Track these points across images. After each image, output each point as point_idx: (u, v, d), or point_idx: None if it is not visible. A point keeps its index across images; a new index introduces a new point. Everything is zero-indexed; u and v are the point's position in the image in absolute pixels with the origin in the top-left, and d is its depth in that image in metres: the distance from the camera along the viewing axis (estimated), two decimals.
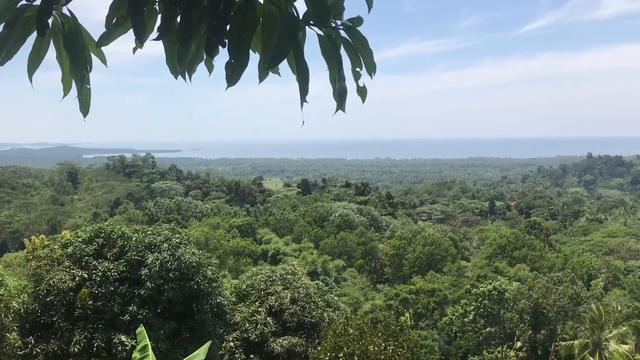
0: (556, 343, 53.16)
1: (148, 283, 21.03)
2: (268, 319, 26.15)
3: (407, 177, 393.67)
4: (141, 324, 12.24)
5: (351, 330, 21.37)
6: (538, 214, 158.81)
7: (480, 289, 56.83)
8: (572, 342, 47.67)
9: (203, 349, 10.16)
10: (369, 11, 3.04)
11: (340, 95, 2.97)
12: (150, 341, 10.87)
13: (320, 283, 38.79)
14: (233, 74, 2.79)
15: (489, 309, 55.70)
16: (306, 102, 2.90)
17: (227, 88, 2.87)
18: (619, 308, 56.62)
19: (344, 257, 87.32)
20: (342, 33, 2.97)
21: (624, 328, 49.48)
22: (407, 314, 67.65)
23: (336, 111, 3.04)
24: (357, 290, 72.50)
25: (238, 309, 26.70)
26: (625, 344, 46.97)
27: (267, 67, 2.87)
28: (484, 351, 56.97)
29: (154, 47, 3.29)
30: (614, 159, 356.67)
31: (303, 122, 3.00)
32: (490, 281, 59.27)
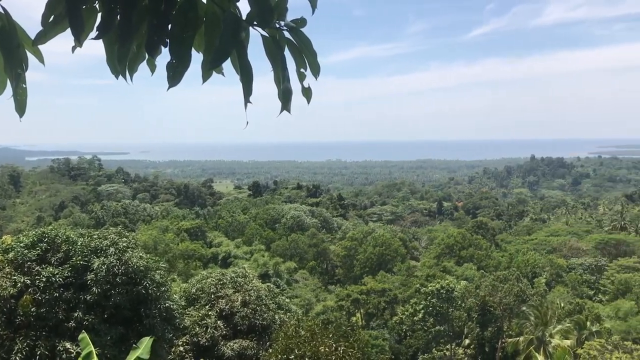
0: (503, 340, 54.53)
1: (94, 288, 20.53)
2: (218, 322, 25.90)
3: (357, 178, 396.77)
4: (83, 330, 11.90)
5: (302, 332, 21.37)
6: (484, 214, 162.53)
7: (430, 288, 57.77)
8: (517, 338, 49.10)
9: (146, 346, 9.93)
10: (313, 12, 3.04)
11: (284, 96, 2.97)
12: (96, 348, 10.59)
13: (272, 285, 38.65)
14: (174, 74, 2.75)
15: (438, 308, 56.67)
16: (250, 102, 2.88)
17: (168, 89, 2.82)
18: (562, 305, 58.55)
19: (296, 259, 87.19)
20: (286, 34, 2.97)
21: (567, 324, 51.23)
22: (358, 314, 68.09)
23: (281, 112, 3.03)
24: (308, 292, 72.52)
25: (188, 313, 26.36)
26: (568, 339, 48.64)
27: (209, 67, 2.84)
28: (434, 349, 57.91)
29: (101, 48, 3.21)
30: (556, 161, 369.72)
31: (247, 122, 2.98)
32: (439, 280, 60.31)
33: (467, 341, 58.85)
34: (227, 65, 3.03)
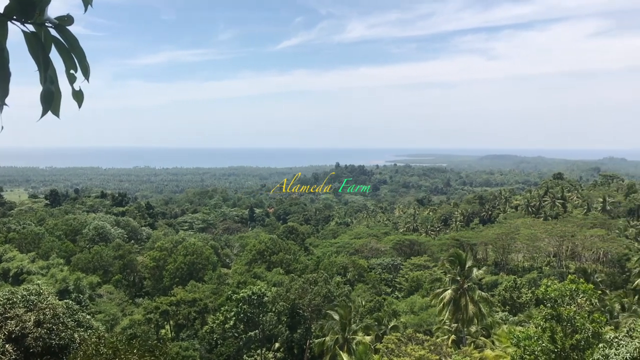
0: (310, 340, 56.61)
1: None
2: (7, 346, 23.45)
3: (167, 186, 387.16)
4: None
5: (104, 350, 20.34)
6: (294, 220, 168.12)
7: (241, 294, 58.08)
8: (324, 338, 51.24)
9: None
10: (85, 10, 2.85)
11: (46, 99, 2.71)
12: None
13: (71, 302, 35.88)
14: None
15: (249, 314, 57.19)
16: (6, 105, 2.59)
17: None
18: (363, 303, 62.64)
19: (100, 272, 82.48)
20: (52, 32, 2.73)
21: (368, 320, 54.87)
22: (167, 326, 66.26)
23: (42, 115, 2.77)
24: (114, 307, 68.90)
25: None
26: (369, 335, 52.05)
27: None
28: (245, 355, 58.28)
29: None
30: (358, 169, 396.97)
31: (2, 127, 2.68)
32: (251, 286, 60.93)
33: (277, 345, 60.16)
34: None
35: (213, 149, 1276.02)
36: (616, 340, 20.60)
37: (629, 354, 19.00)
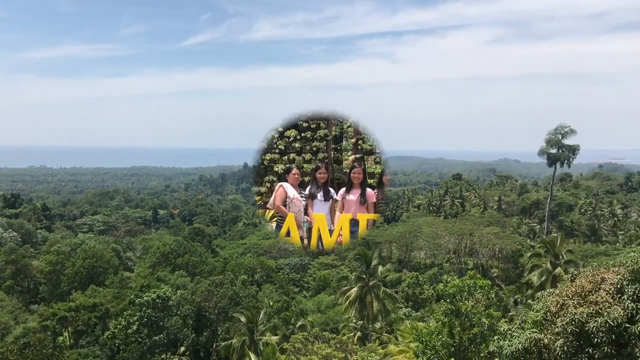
0: (217, 343, 55.93)
1: None
2: None
3: (65, 187, 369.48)
4: None
5: None
6: (200, 221, 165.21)
7: (145, 298, 56.44)
8: (230, 341, 50.90)
9: None
10: None
11: None
12: None
13: None
14: None
15: (153, 318, 55.69)
16: None
17: None
18: (271, 303, 62.66)
19: None
20: None
21: (276, 321, 55.01)
22: (65, 333, 63.36)
23: None
24: (5, 315, 64.97)
25: None
26: (277, 335, 52.23)
27: None
28: None
29: None
30: None
31: None
32: (155, 290, 59.36)
33: (182, 348, 59.01)
34: None
35: (115, 148, 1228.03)
36: (509, 332, 21.78)
37: (520, 345, 20.16)
